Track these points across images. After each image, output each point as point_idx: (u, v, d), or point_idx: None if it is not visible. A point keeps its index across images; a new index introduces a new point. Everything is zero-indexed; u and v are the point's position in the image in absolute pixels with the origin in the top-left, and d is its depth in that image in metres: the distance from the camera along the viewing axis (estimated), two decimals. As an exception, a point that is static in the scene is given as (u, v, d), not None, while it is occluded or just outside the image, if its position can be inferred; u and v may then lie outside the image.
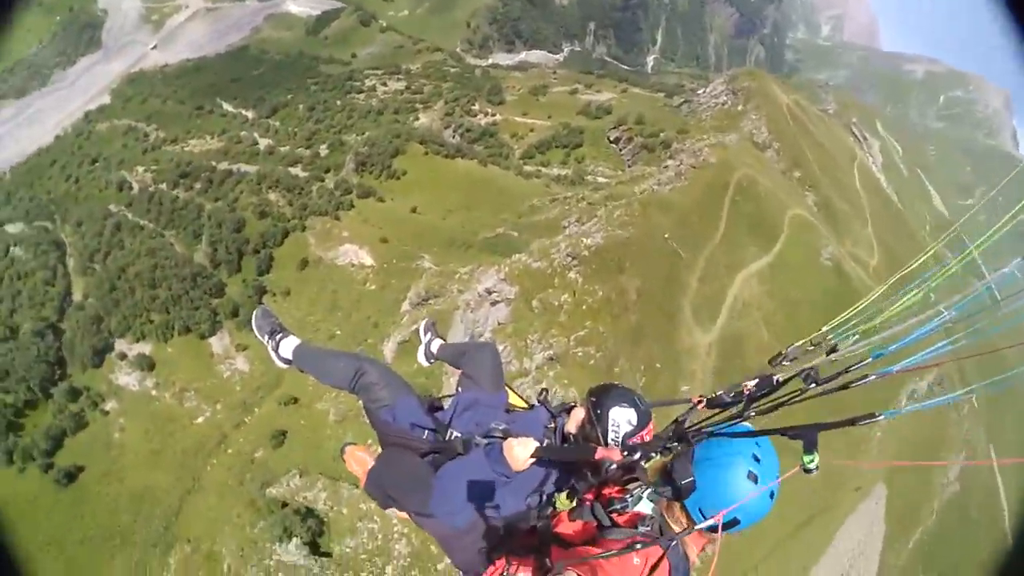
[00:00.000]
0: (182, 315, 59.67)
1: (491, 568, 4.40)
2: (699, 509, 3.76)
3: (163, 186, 78.13)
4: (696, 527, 3.70)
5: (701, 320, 43.58)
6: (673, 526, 3.88)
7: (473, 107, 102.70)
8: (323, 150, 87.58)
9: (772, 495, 3.75)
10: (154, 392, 56.25)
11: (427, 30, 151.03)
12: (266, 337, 6.03)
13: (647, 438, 4.30)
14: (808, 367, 3.79)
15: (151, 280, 61.88)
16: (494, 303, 44.27)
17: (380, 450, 5.46)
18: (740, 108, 79.22)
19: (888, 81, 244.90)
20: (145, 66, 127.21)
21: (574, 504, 4.21)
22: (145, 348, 59.13)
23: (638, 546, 3.62)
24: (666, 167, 64.83)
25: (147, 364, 57.70)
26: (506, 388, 5.65)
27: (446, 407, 5.41)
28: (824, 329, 4.18)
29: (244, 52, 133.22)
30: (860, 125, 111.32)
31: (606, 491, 4.20)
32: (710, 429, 3.93)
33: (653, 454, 4.01)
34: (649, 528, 3.81)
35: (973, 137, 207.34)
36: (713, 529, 3.62)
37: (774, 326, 47.34)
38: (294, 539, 38.79)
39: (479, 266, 51.75)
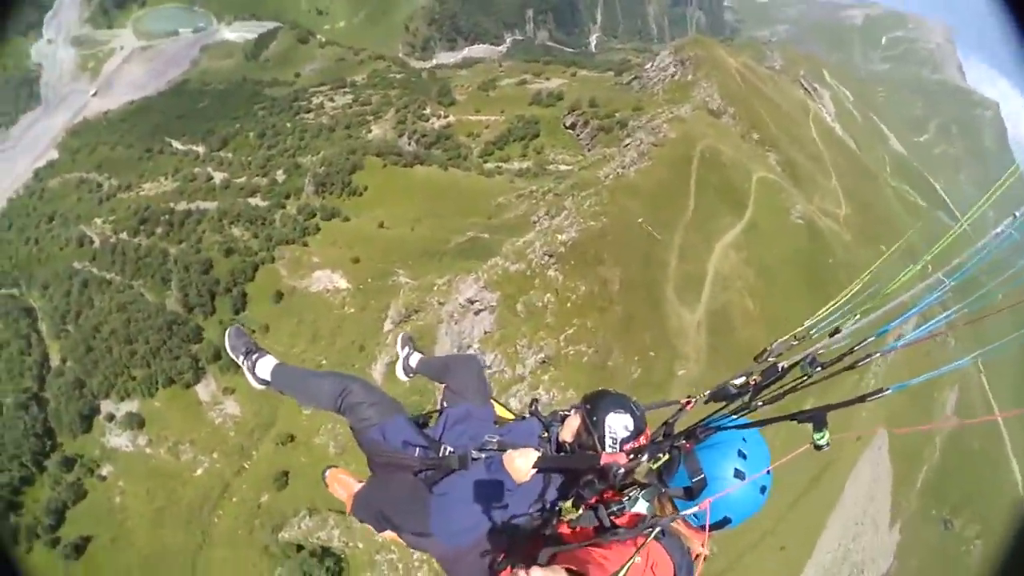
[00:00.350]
0: (163, 367, 58.35)
1: None
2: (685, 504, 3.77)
3: (124, 235, 76.66)
4: (679, 514, 3.72)
5: (686, 299, 43.40)
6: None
7: (424, 111, 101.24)
8: (280, 176, 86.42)
9: (763, 490, 3.80)
10: (148, 450, 55.07)
11: (366, 38, 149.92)
12: (241, 357, 5.82)
13: (643, 443, 4.22)
14: (811, 351, 3.79)
15: (126, 336, 60.51)
16: (477, 312, 43.80)
17: (369, 472, 5.31)
18: (690, 78, 79.12)
19: (829, 30, 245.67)
20: (88, 115, 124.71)
21: (580, 511, 4.02)
22: (132, 406, 57.84)
23: (621, 532, 3.66)
24: (626, 146, 64.68)
25: (136, 422, 56.43)
26: (492, 401, 5.51)
27: (433, 423, 5.27)
28: (806, 324, 4.20)
29: (185, 86, 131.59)
30: (808, 78, 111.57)
31: (605, 495, 4.07)
32: (717, 423, 3.87)
33: (661, 454, 3.88)
34: (649, 527, 3.67)
35: (920, 74, 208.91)
36: (703, 523, 3.63)
37: (756, 293, 47.40)
38: (315, 582, 38.31)
39: (456, 275, 51.16)
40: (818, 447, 3.44)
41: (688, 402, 4.47)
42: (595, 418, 4.28)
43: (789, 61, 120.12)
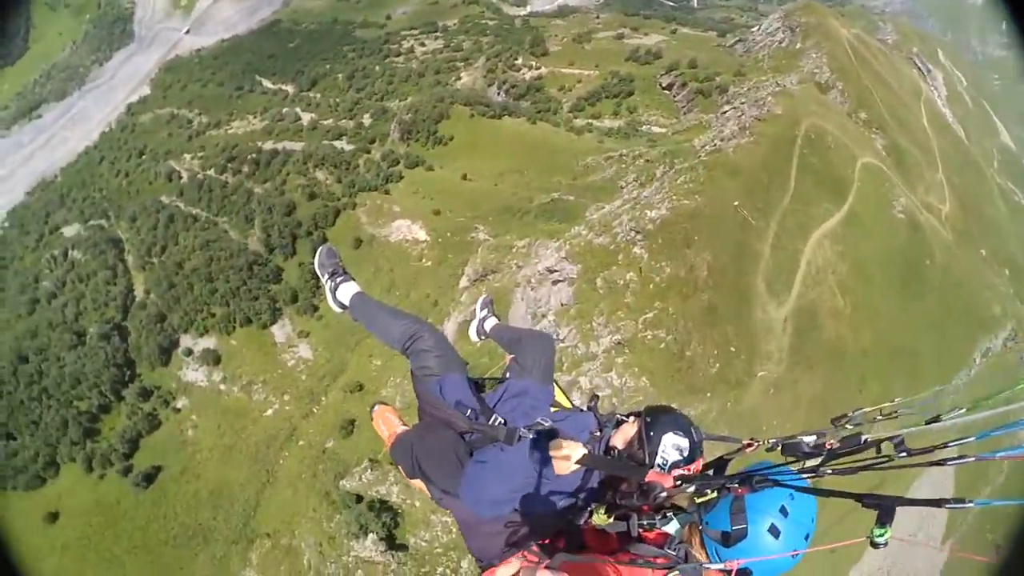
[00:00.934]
0: (242, 306, 59.54)
1: (505, 562, 3.99)
2: (716, 550, 3.66)
3: (211, 172, 78.34)
4: (712, 567, 3.59)
5: (775, 292, 41.14)
6: (696, 555, 3.77)
7: (516, 61, 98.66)
8: (366, 120, 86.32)
9: (795, 555, 3.57)
10: (222, 387, 56.55)
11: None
12: (326, 276, 6.14)
13: (693, 471, 4.13)
14: (901, 432, 3.46)
15: (208, 274, 61.81)
16: (555, 283, 42.73)
17: (417, 420, 5.47)
18: (799, 46, 74.91)
19: (946, 7, 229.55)
20: (180, 52, 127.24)
21: (611, 520, 4.09)
22: (210, 343, 59.50)
23: (644, 548, 3.70)
24: (725, 115, 62.01)
25: (213, 359, 58.05)
26: (553, 384, 5.52)
27: (490, 390, 5.32)
28: (897, 400, 3.87)
29: (277, 26, 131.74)
30: (921, 56, 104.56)
31: (641, 508, 4.07)
32: (776, 477, 3.59)
33: (709, 490, 3.72)
34: (676, 552, 3.73)
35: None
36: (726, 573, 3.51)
37: (848, 290, 45.01)
38: (370, 535, 38.54)
39: (537, 239, 50.17)
40: (875, 544, 3.13)
41: (750, 444, 4.32)
42: (652, 432, 4.14)
43: (902, 36, 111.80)
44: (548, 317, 41.79)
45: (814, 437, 3.85)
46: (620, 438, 4.43)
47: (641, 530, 3.87)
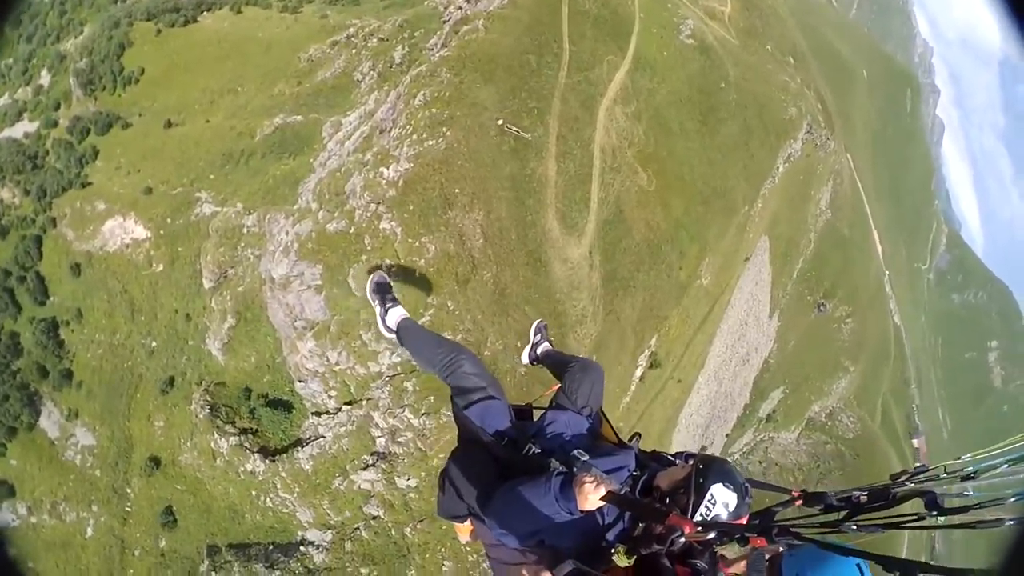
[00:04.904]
0: (-2, 415, 43.98)
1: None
2: None
3: None
4: None
5: (572, 223, 28.87)
6: None
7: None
8: (44, 78, 62.69)
9: None
10: (33, 519, 43.12)
11: None
12: (376, 303, 5.84)
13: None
14: (933, 491, 2.89)
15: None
16: (302, 290, 28.89)
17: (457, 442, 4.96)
18: None
19: None
20: None
21: (631, 563, 3.63)
22: (-9, 472, 45.11)
23: None
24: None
25: (7, 490, 44.17)
26: (602, 414, 4.83)
27: (535, 418, 4.86)
28: (966, 457, 2.97)
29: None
30: None
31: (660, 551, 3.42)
32: (798, 530, 3.04)
33: (728, 539, 3.23)
34: None
35: None
36: None
37: (648, 157, 34.81)
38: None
39: (266, 212, 35.35)
40: None
41: (799, 496, 3.60)
42: (701, 480, 3.45)
43: None
44: (308, 337, 28.61)
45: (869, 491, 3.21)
46: (667, 479, 3.79)
47: None
